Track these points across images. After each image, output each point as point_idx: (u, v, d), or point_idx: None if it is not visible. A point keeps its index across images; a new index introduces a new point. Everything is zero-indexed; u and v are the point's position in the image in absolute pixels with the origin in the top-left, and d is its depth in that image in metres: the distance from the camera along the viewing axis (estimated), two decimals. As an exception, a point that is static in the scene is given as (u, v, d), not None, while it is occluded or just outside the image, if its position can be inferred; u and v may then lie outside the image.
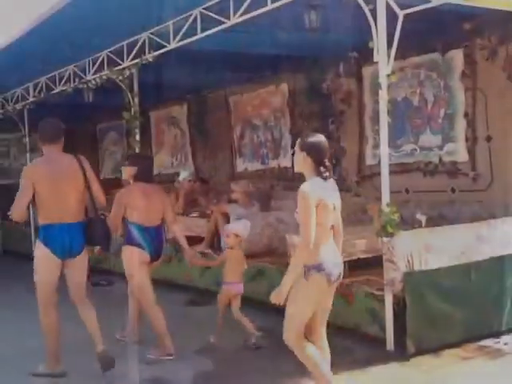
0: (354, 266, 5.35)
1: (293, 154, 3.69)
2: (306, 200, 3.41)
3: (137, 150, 7.80)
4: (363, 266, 5.35)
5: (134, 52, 7.04)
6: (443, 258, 4.78)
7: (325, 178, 3.55)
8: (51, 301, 4.56)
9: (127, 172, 5.24)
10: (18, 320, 6.35)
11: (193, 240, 7.41)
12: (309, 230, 3.40)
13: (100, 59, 7.66)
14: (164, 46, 6.61)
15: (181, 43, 6.38)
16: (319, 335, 3.79)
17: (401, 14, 4.59)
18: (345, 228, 6.26)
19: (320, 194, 3.47)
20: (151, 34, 6.70)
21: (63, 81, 8.63)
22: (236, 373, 4.66)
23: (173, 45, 6.47)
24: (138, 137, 7.79)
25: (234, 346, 5.25)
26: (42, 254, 4.48)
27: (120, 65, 7.38)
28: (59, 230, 4.43)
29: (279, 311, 5.84)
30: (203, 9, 5.89)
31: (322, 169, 3.54)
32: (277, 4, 5.15)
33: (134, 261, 5.00)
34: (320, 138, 3.65)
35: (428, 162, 6.92)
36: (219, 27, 5.84)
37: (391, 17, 4.57)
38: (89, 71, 8.00)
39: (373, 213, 4.78)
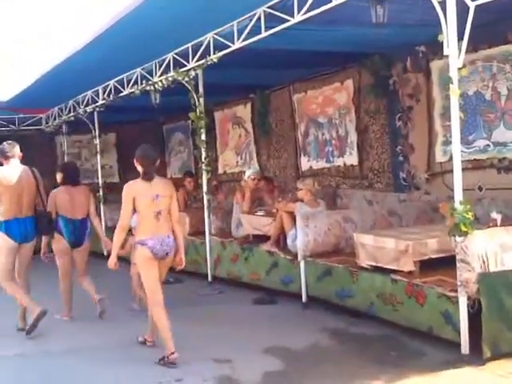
0: (425, 266, 5.22)
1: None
2: (124, 194, 4.89)
3: (202, 150, 7.88)
4: (435, 266, 5.19)
5: (199, 53, 7.09)
6: (520, 259, 4.58)
7: (147, 180, 4.93)
8: (11, 274, 5.97)
9: (58, 177, 6.69)
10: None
11: (259, 238, 7.45)
12: (123, 215, 4.90)
13: (166, 61, 7.76)
14: (228, 46, 6.62)
15: (245, 43, 6.37)
16: None
17: (472, 5, 4.42)
18: (414, 227, 6.14)
19: (137, 190, 4.88)
20: (215, 34, 6.73)
21: (131, 83, 8.80)
22: (302, 373, 4.62)
23: (237, 44, 6.47)
24: (203, 136, 7.87)
25: (300, 345, 5.21)
26: (4, 241, 5.89)
27: (185, 66, 7.45)
28: (16, 223, 5.89)
29: (349, 312, 5.83)
30: (267, 7, 5.86)
31: (144, 172, 4.94)
32: (342, 0, 5.06)
33: (55, 246, 6.50)
34: (146, 151, 5.06)
35: (502, 158, 6.63)
36: (283, 25, 5.78)
37: (461, 8, 4.41)
38: (155, 73, 8.12)
39: (445, 211, 4.62)
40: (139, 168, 4.98)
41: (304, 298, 6.42)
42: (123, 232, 4.94)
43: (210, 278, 7.98)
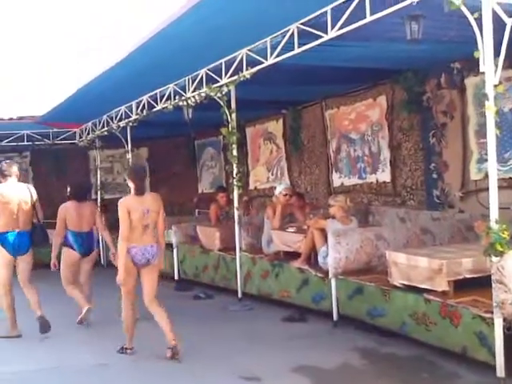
0: (459, 286, 5.11)
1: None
2: (120, 208, 5.44)
3: (234, 165, 7.89)
4: (470, 286, 5.07)
5: (232, 69, 7.12)
6: (559, 280, 4.45)
7: (138, 195, 5.53)
8: (9, 285, 6.46)
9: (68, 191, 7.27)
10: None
11: (290, 255, 7.40)
12: (123, 228, 5.40)
13: (199, 77, 7.81)
14: (261, 62, 6.64)
15: (278, 59, 6.38)
16: (146, 298, 5.60)
17: (509, 21, 4.34)
18: (448, 245, 6.01)
19: (129, 205, 5.45)
20: (249, 50, 6.75)
21: (164, 99, 8.88)
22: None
23: (270, 61, 6.48)
24: (235, 152, 7.88)
25: (330, 365, 5.14)
26: (1, 253, 6.38)
27: (218, 82, 7.49)
28: (11, 236, 6.39)
29: (380, 331, 5.73)
30: (300, 24, 5.86)
31: (136, 188, 5.53)
32: (376, 16, 5.02)
33: (67, 258, 6.97)
34: (137, 170, 5.88)
35: (538, 177, 6.50)
36: (316, 41, 5.78)
37: (498, 25, 4.34)
38: (188, 89, 8.17)
39: (480, 230, 4.53)
40: (131, 185, 5.58)
41: (335, 317, 6.34)
42: (126, 243, 5.43)
43: (239, 294, 7.94)
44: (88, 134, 12.63)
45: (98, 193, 13.21)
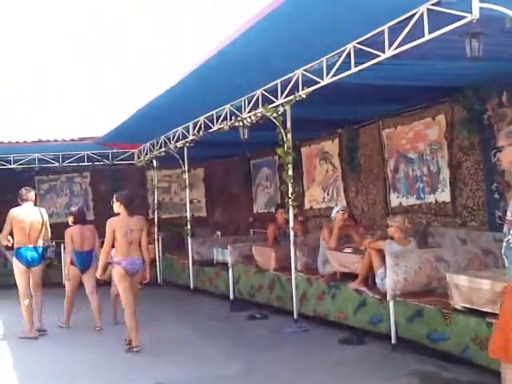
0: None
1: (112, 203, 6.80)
2: (107, 226, 6.57)
3: (289, 185, 7.86)
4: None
5: (288, 89, 7.14)
6: None
7: (129, 215, 6.67)
8: (26, 292, 7.63)
9: (70, 218, 8.40)
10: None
11: (347, 276, 7.30)
12: (106, 243, 6.57)
13: (255, 98, 7.87)
14: (317, 82, 6.63)
15: (334, 78, 6.35)
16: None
17: None
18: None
19: (116, 225, 6.58)
20: (304, 70, 6.76)
21: (220, 119, 8.98)
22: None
23: (326, 80, 6.46)
24: (290, 172, 7.86)
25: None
26: (16, 265, 7.63)
27: (274, 102, 7.52)
28: (25, 250, 7.59)
29: (440, 355, 5.56)
30: (357, 43, 5.83)
31: (126, 210, 6.67)
32: (434, 34, 4.95)
33: (70, 273, 8.18)
34: (127, 195, 6.89)
35: None
36: (373, 60, 5.73)
37: None
38: (244, 109, 8.24)
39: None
40: (120, 208, 6.68)
41: (393, 339, 6.19)
42: (107, 255, 6.65)
43: (295, 315, 7.86)
44: (146, 154, 12.88)
45: (155, 212, 13.40)
